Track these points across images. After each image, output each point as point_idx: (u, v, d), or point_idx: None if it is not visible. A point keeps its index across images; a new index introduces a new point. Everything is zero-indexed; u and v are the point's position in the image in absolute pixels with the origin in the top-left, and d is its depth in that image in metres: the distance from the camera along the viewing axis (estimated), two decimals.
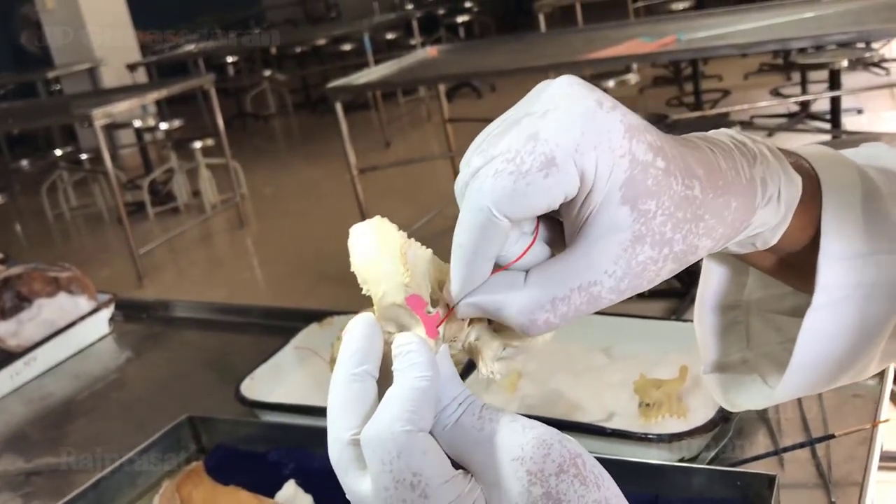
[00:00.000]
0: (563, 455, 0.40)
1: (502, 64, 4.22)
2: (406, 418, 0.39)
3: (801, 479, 0.92)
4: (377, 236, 0.44)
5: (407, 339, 0.42)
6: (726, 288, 0.54)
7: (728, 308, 0.55)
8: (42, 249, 6.08)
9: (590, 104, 0.38)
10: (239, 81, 9.67)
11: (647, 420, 1.01)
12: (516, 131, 0.39)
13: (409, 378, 0.41)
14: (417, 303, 0.43)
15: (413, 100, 8.76)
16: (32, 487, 1.21)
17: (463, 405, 0.43)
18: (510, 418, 0.42)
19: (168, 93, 5.57)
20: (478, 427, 0.42)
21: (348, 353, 0.43)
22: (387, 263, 0.43)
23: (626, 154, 0.38)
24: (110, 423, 1.38)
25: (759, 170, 0.43)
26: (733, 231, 0.42)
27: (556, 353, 1.19)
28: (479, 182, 0.39)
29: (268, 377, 1.25)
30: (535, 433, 0.41)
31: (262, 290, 4.69)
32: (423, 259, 0.45)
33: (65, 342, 1.58)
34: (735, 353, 0.55)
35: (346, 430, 0.41)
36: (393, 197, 5.42)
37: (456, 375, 0.44)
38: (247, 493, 0.96)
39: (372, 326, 0.43)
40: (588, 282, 0.39)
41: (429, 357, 0.42)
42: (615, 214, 0.38)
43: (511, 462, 0.40)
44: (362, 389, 0.42)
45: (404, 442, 0.39)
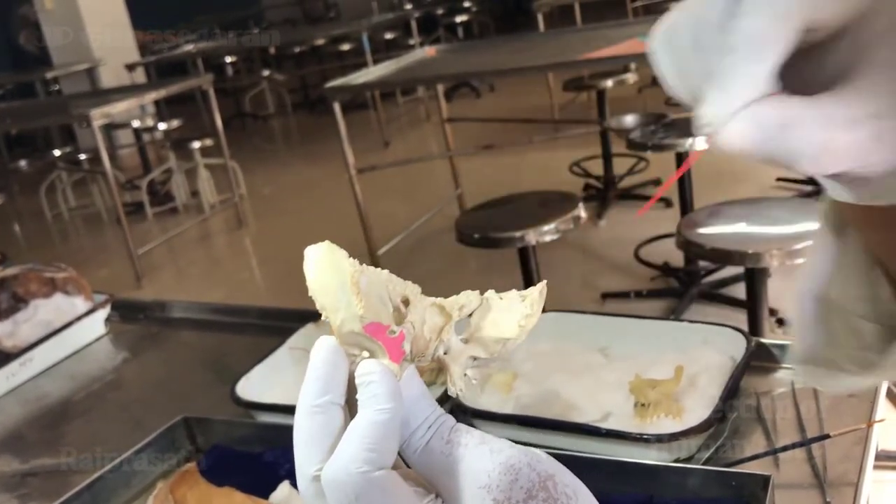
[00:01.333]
0: (532, 479, 0.40)
1: (501, 64, 4.21)
2: (363, 458, 0.39)
3: (797, 479, 0.91)
4: (329, 263, 0.43)
5: (368, 369, 0.42)
6: (824, 277, 0.51)
7: (823, 300, 0.52)
8: (41, 250, 6.08)
9: None
10: (238, 81, 9.68)
11: (643, 420, 1.01)
12: None
13: (370, 411, 0.40)
14: (377, 329, 0.43)
15: (412, 100, 8.76)
16: (28, 488, 1.21)
17: (433, 428, 0.42)
18: (479, 440, 0.41)
19: (167, 93, 5.57)
20: (445, 452, 0.41)
21: (310, 381, 0.42)
22: (339, 293, 0.42)
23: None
24: (107, 423, 1.38)
25: None
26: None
27: (552, 354, 1.18)
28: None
29: (263, 378, 1.25)
30: (502, 458, 0.40)
31: (260, 290, 4.69)
32: (378, 282, 0.44)
33: (61, 343, 1.57)
34: (821, 349, 0.52)
35: (311, 465, 0.41)
36: (392, 197, 5.42)
37: (426, 395, 0.43)
38: (241, 495, 0.96)
39: (334, 352, 0.43)
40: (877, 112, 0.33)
41: (390, 386, 0.41)
42: None
43: (478, 490, 0.40)
44: (325, 421, 0.41)
45: (361, 484, 0.39)
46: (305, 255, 0.44)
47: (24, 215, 7.08)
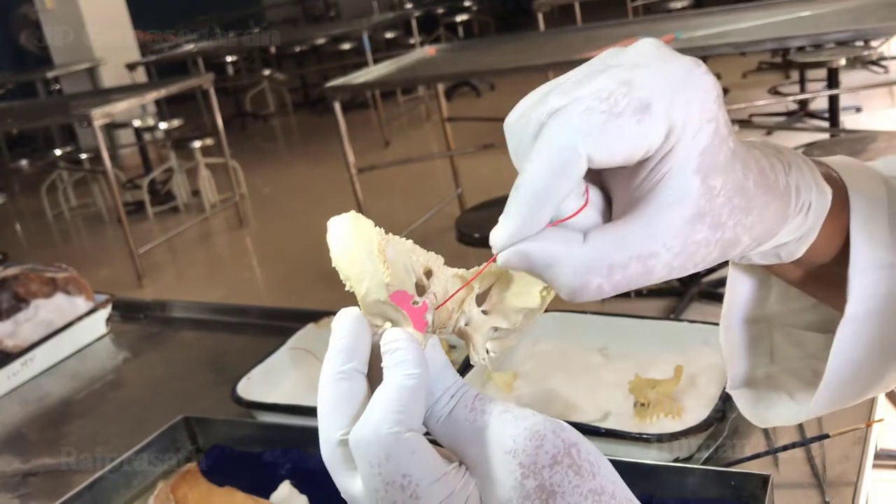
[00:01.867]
0: (557, 446, 0.40)
1: (501, 63, 4.21)
2: (393, 419, 0.39)
3: (796, 479, 0.92)
4: (355, 233, 0.43)
5: (394, 336, 0.42)
6: (751, 301, 0.53)
7: (752, 321, 0.54)
8: (42, 249, 6.09)
9: (686, 62, 0.37)
10: (238, 81, 9.68)
11: (643, 420, 1.01)
12: (607, 76, 0.37)
13: (398, 376, 0.40)
14: (402, 298, 0.43)
15: (412, 99, 8.76)
16: (29, 488, 1.22)
17: (455, 397, 0.42)
18: (502, 408, 0.41)
19: (167, 92, 5.57)
20: (470, 419, 0.41)
21: (335, 350, 0.42)
22: (366, 261, 0.42)
23: (713, 120, 0.37)
24: (107, 423, 1.38)
25: (794, 178, 0.42)
26: (767, 234, 0.41)
27: (552, 353, 1.19)
28: (566, 117, 0.36)
29: (264, 378, 1.25)
30: (527, 424, 0.40)
31: (261, 290, 4.69)
32: (403, 251, 0.44)
33: (62, 343, 1.58)
34: (760, 368, 0.54)
35: (336, 429, 0.41)
36: (392, 196, 5.42)
37: (448, 365, 0.44)
38: (242, 494, 0.96)
39: (358, 322, 0.43)
40: (648, 252, 0.37)
41: (416, 353, 0.41)
42: (687, 183, 0.37)
43: (504, 455, 0.40)
44: (351, 388, 0.42)
45: (392, 444, 0.39)
46: (329, 226, 0.44)
47: (25, 215, 7.08)
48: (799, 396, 0.51)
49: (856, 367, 0.46)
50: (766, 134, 5.30)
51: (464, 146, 5.23)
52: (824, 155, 1.93)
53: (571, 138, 0.36)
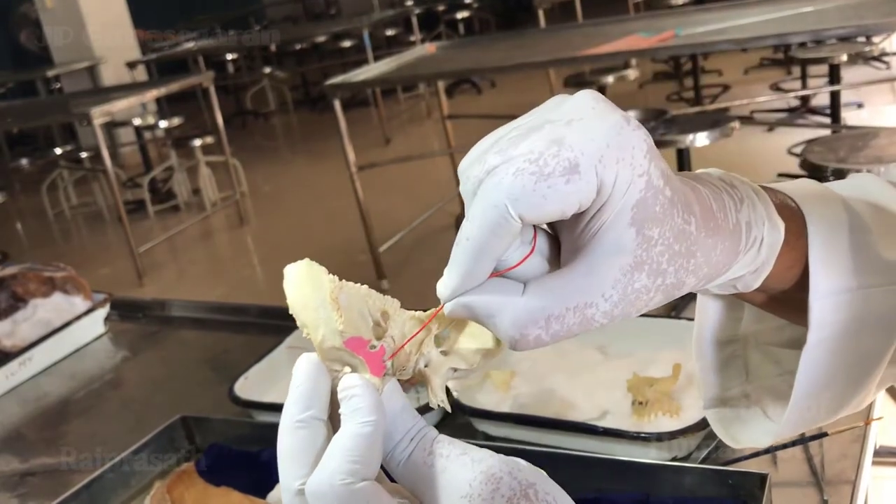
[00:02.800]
0: (513, 488, 0.40)
1: (502, 60, 4.21)
2: (347, 469, 0.40)
3: (794, 478, 0.91)
4: (308, 280, 0.44)
5: (350, 384, 0.42)
6: (723, 323, 0.54)
7: (726, 342, 0.55)
8: (42, 248, 6.09)
9: (617, 119, 0.38)
10: (239, 79, 9.67)
11: (641, 418, 1.01)
12: (539, 135, 0.38)
13: (353, 425, 0.41)
14: (358, 344, 0.43)
15: (413, 96, 8.75)
16: (28, 488, 1.22)
17: (415, 440, 0.43)
18: (460, 451, 0.42)
19: (167, 91, 5.57)
20: (428, 463, 0.42)
21: (293, 398, 0.43)
22: (319, 309, 0.43)
23: (644, 174, 0.38)
24: (106, 422, 1.38)
25: (745, 214, 0.43)
26: (716, 272, 0.42)
27: (549, 352, 1.18)
28: (499, 178, 0.38)
29: (262, 377, 1.24)
30: (483, 467, 0.41)
31: (261, 288, 4.69)
32: (358, 297, 0.44)
33: (60, 342, 1.57)
34: (735, 388, 0.55)
35: (294, 479, 0.42)
36: (393, 194, 5.42)
37: (408, 408, 0.44)
38: (238, 494, 0.96)
39: (316, 368, 0.43)
40: (585, 302, 0.39)
41: (372, 400, 0.41)
42: (622, 235, 0.38)
43: (460, 499, 0.40)
44: (309, 436, 0.42)
45: (345, 495, 0.39)
46: (285, 273, 0.45)
47: (25, 214, 7.09)
48: (773, 413, 0.52)
49: (821, 390, 0.47)
50: (767, 130, 5.29)
51: (464, 144, 5.22)
52: (826, 152, 1.94)
53: (503, 199, 0.37)
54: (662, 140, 3.42)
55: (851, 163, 2.82)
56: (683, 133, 3.38)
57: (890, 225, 0.48)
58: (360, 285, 0.45)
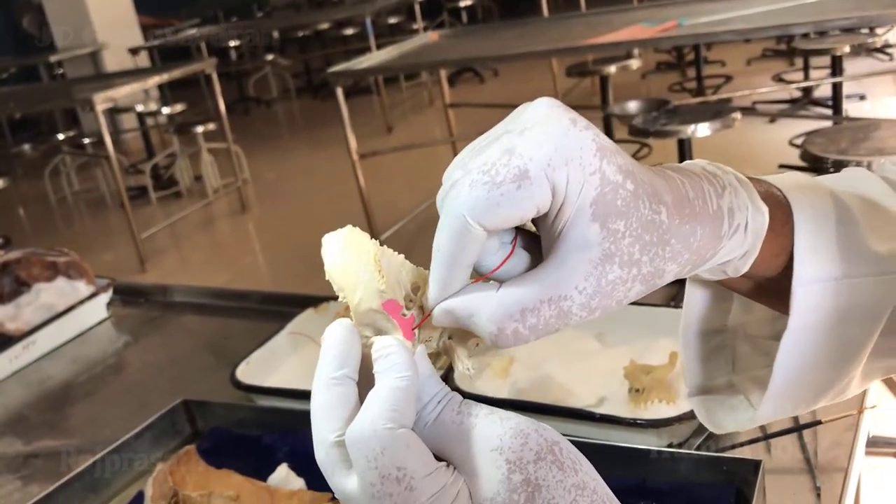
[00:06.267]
0: (540, 443, 0.42)
1: (505, 49, 4.20)
2: (388, 416, 0.41)
3: (788, 465, 0.93)
4: (350, 245, 0.45)
5: (386, 343, 0.44)
6: (710, 313, 0.55)
7: (713, 333, 0.56)
8: (45, 234, 6.10)
9: (564, 123, 0.40)
10: (241, 66, 9.66)
11: (637, 405, 1.02)
12: (495, 146, 0.41)
13: (390, 378, 0.42)
14: (393, 307, 0.45)
15: (415, 84, 8.74)
16: (31, 469, 1.23)
17: (442, 402, 0.44)
18: (487, 411, 0.44)
19: (170, 77, 5.56)
20: (457, 422, 0.43)
21: (327, 358, 0.44)
22: (361, 271, 0.45)
23: (596, 171, 0.40)
24: (108, 406, 1.39)
25: (727, 200, 0.44)
26: (699, 258, 0.43)
27: (547, 339, 1.19)
28: (457, 191, 0.40)
29: (263, 362, 1.26)
30: (512, 424, 0.42)
31: (263, 275, 4.71)
32: (395, 265, 0.46)
33: (63, 326, 1.59)
34: (721, 377, 0.56)
35: (330, 432, 0.43)
36: (394, 182, 5.43)
37: (434, 374, 0.45)
38: (239, 476, 0.97)
39: (349, 331, 0.45)
40: (558, 296, 0.41)
41: (408, 358, 0.43)
42: (585, 231, 0.40)
43: (490, 453, 0.42)
44: (343, 393, 0.43)
45: (387, 438, 0.40)
46: (324, 241, 0.46)
47: (28, 199, 7.09)
48: (757, 402, 0.53)
49: (801, 377, 0.48)
50: (769, 121, 5.29)
51: (466, 132, 5.23)
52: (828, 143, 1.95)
53: (461, 210, 0.40)
54: (664, 130, 3.42)
55: (852, 154, 2.82)
56: (685, 123, 3.38)
57: (879, 218, 0.49)
58: (397, 254, 0.46)
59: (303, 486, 0.98)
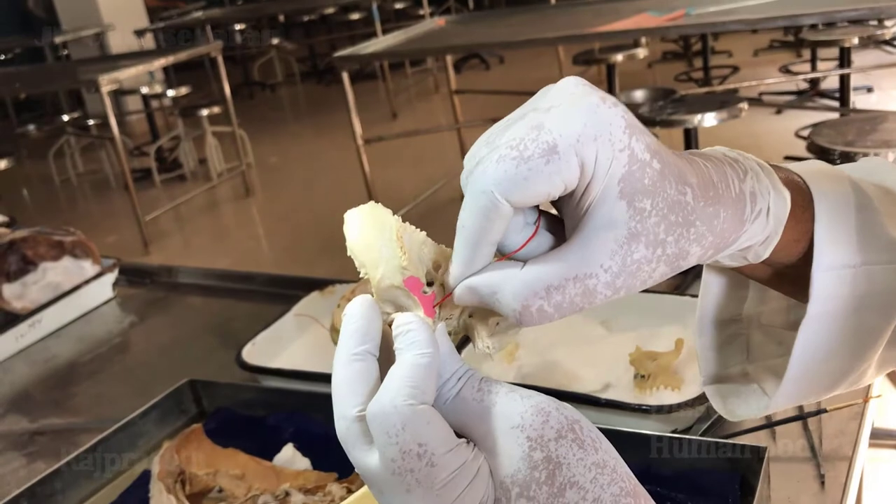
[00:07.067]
0: (561, 421, 0.42)
1: (511, 35, 4.19)
2: (408, 393, 0.41)
3: (792, 453, 0.93)
4: (373, 221, 0.45)
5: (407, 319, 0.44)
6: (726, 302, 0.55)
7: (728, 322, 0.56)
8: (49, 214, 6.10)
9: (593, 100, 0.40)
10: (246, 49, 9.64)
11: (642, 391, 1.02)
12: (521, 123, 0.41)
13: (411, 355, 0.42)
14: (415, 284, 0.44)
15: (421, 70, 8.72)
16: (36, 447, 1.24)
17: (462, 379, 0.44)
18: (508, 389, 0.44)
19: (175, 59, 5.55)
20: (478, 399, 0.43)
21: (348, 333, 0.44)
22: (384, 247, 0.45)
23: (625, 149, 0.40)
24: (113, 385, 1.40)
25: (749, 185, 0.44)
26: (723, 241, 0.43)
27: (554, 325, 1.19)
28: (483, 167, 0.40)
29: (269, 343, 1.26)
30: (533, 402, 0.42)
31: (266, 259, 4.71)
32: (417, 242, 0.46)
33: (69, 305, 1.59)
34: (735, 366, 0.56)
35: (352, 406, 0.43)
36: (399, 168, 5.42)
37: (454, 351, 0.45)
38: (245, 456, 0.98)
39: (371, 308, 0.45)
40: (584, 273, 0.40)
41: (428, 335, 0.43)
42: (612, 208, 0.40)
43: (511, 430, 0.42)
44: (364, 368, 0.44)
45: (408, 414, 0.40)
46: (346, 217, 0.46)
47: (32, 180, 7.09)
48: (771, 391, 0.53)
49: (818, 364, 0.48)
50: (775, 112, 5.27)
51: (472, 119, 5.22)
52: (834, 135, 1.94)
53: (488, 186, 0.40)
54: (670, 119, 3.41)
55: (859, 146, 2.81)
56: (691, 113, 3.37)
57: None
58: (419, 231, 0.46)
59: (308, 466, 0.98)
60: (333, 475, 0.94)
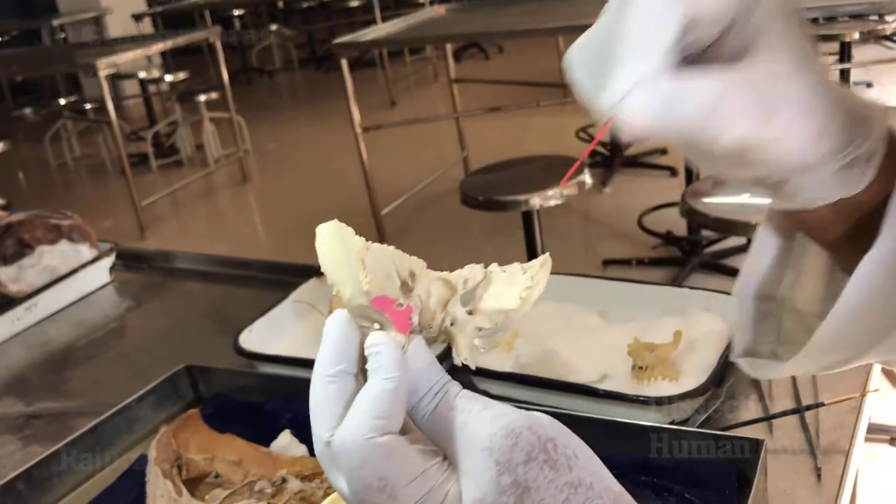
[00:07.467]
0: (532, 442, 0.41)
1: (511, 25, 4.18)
2: (369, 426, 0.41)
3: (790, 445, 0.93)
4: (337, 240, 0.45)
5: (374, 341, 0.44)
6: (769, 277, 0.53)
7: (766, 298, 0.54)
8: (44, 199, 6.08)
9: None
10: (245, 35, 9.60)
11: (640, 382, 1.02)
12: None
13: (378, 381, 0.43)
14: (383, 302, 0.45)
15: (420, 59, 8.70)
16: (32, 430, 1.23)
17: (439, 395, 0.44)
18: (481, 406, 0.43)
19: (173, 44, 5.52)
20: (451, 418, 0.43)
21: (324, 354, 0.45)
22: (348, 268, 0.45)
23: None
24: (109, 370, 1.39)
25: (857, 99, 0.42)
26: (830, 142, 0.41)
27: (552, 315, 1.19)
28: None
29: (266, 330, 1.26)
30: (503, 423, 0.42)
31: (263, 246, 4.70)
32: (385, 258, 0.46)
33: (66, 289, 1.59)
34: (766, 344, 0.54)
35: (325, 430, 0.43)
36: (397, 156, 5.41)
37: (433, 363, 0.45)
38: (242, 442, 0.97)
39: (346, 324, 0.45)
40: None
41: (395, 357, 0.43)
42: None
43: (480, 452, 0.41)
44: (338, 390, 0.44)
45: (367, 450, 0.41)
46: (317, 231, 0.46)
47: (28, 163, 7.07)
48: None
49: (869, 310, 0.44)
50: None
51: (471, 109, 5.21)
52: None
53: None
54: None
55: None
56: None
57: None
58: (386, 246, 0.46)
59: (305, 453, 0.98)
60: None
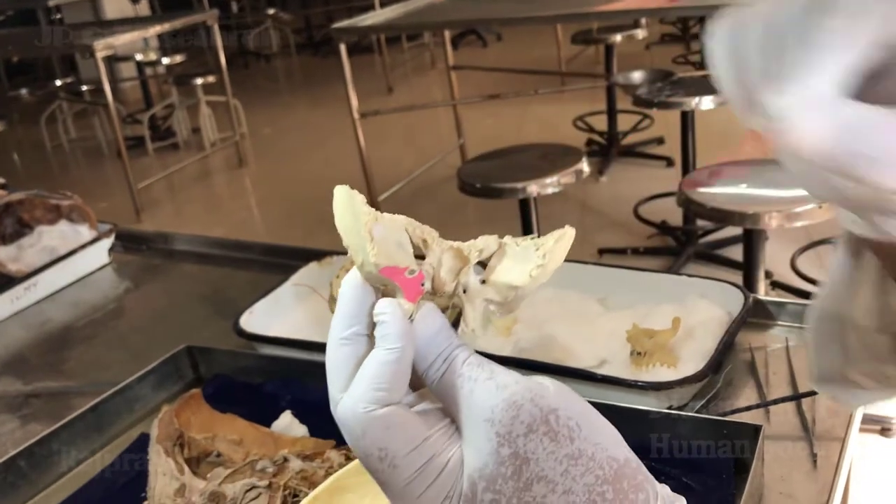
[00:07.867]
0: (534, 414, 0.41)
1: (510, 12, 4.16)
2: (370, 398, 0.42)
3: (786, 431, 0.94)
4: (349, 207, 0.45)
5: (381, 309, 0.44)
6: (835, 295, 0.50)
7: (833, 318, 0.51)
8: (40, 180, 6.06)
9: None
10: (242, 19, 9.56)
11: (638, 368, 1.03)
12: None
13: (381, 351, 0.43)
14: (393, 272, 0.45)
15: (417, 45, 8.68)
16: (31, 409, 1.24)
17: (447, 361, 0.45)
18: (487, 375, 0.43)
19: (171, 27, 5.50)
20: (457, 385, 0.44)
21: (339, 317, 0.46)
22: (358, 237, 0.45)
23: None
24: (108, 350, 1.39)
25: None
26: None
27: (551, 301, 1.20)
28: None
29: (266, 312, 1.26)
30: (506, 394, 0.42)
31: (259, 230, 4.70)
32: (397, 226, 0.46)
33: (65, 269, 1.59)
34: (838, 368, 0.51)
35: (338, 391, 0.45)
36: (394, 142, 5.41)
37: (444, 328, 0.46)
38: (243, 421, 0.98)
39: (360, 287, 0.46)
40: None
41: (400, 326, 0.44)
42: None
43: (483, 423, 0.42)
44: (351, 352, 0.45)
45: (366, 421, 0.42)
46: (334, 193, 0.46)
47: (23, 144, 7.04)
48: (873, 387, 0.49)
49: None
50: None
51: (468, 96, 5.20)
52: None
53: None
54: (668, 101, 3.41)
55: None
56: (689, 95, 3.37)
57: None
58: (398, 216, 0.46)
59: (306, 433, 0.99)
60: (332, 442, 0.94)
